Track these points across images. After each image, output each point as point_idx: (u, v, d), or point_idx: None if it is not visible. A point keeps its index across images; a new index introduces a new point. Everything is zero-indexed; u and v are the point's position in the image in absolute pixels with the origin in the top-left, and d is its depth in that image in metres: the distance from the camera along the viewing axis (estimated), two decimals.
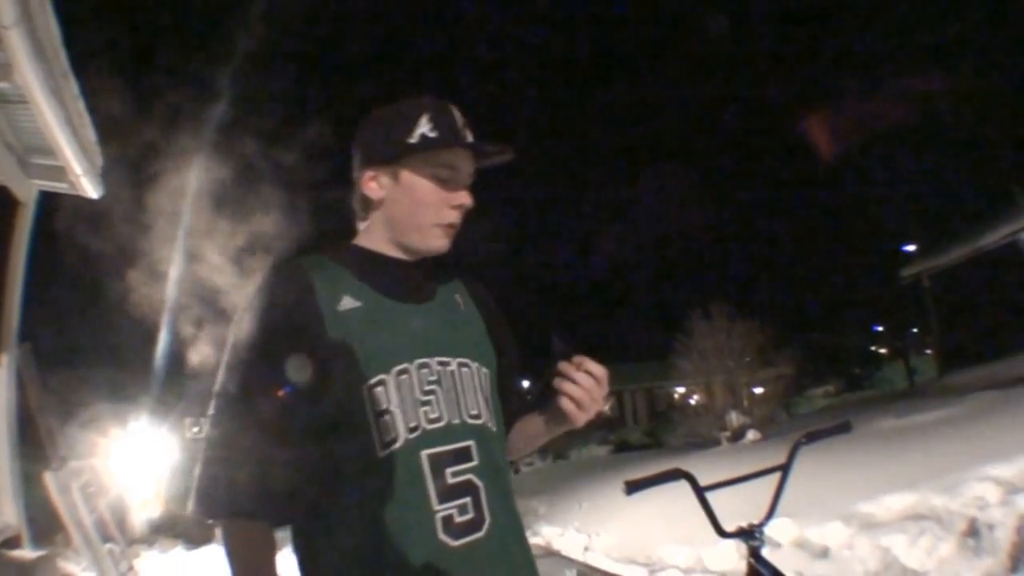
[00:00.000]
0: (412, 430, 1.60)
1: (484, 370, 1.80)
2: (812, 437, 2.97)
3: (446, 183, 1.73)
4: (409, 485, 1.57)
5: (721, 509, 2.81)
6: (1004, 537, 5.49)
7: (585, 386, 1.70)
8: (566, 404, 1.72)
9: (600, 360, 1.74)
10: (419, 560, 1.54)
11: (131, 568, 6.68)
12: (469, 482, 1.64)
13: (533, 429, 1.95)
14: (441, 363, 1.69)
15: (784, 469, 2.90)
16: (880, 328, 65.22)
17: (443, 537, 1.57)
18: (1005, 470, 6.57)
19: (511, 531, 1.72)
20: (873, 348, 69.59)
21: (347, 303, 1.65)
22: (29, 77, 4.40)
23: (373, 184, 1.74)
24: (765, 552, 2.76)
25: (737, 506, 3.13)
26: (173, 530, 13.30)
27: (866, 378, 56.69)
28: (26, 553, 5.87)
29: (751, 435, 17.16)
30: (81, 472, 6.66)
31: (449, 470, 1.61)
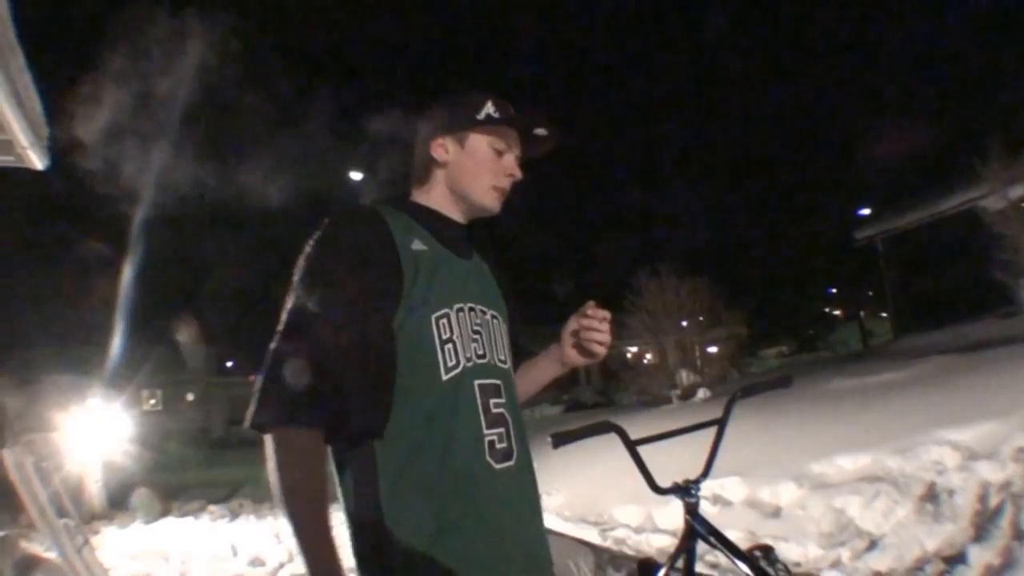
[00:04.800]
0: (468, 359, 1.84)
1: (504, 325, 2.07)
2: (749, 391, 2.90)
3: (502, 155, 2.02)
4: (467, 408, 1.80)
5: (673, 466, 2.80)
6: (965, 504, 5.39)
7: (606, 331, 2.16)
8: (596, 348, 2.17)
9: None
10: (473, 474, 1.77)
11: (86, 542, 6.60)
12: (503, 415, 1.89)
13: (540, 372, 2.34)
14: (482, 310, 1.96)
15: (721, 423, 2.83)
16: (834, 290, 65.94)
17: (488, 459, 1.81)
18: (963, 435, 6.48)
19: (529, 467, 1.99)
20: (827, 310, 70.45)
21: (417, 245, 1.86)
22: None
23: (441, 149, 2.00)
24: (716, 510, 2.64)
25: (685, 464, 2.94)
26: (131, 504, 13.05)
27: (820, 339, 57.42)
28: None
29: (702, 393, 17.12)
30: (36, 447, 6.62)
31: (492, 400, 1.86)
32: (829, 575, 5.01)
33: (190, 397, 47.46)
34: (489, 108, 1.99)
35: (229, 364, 56.28)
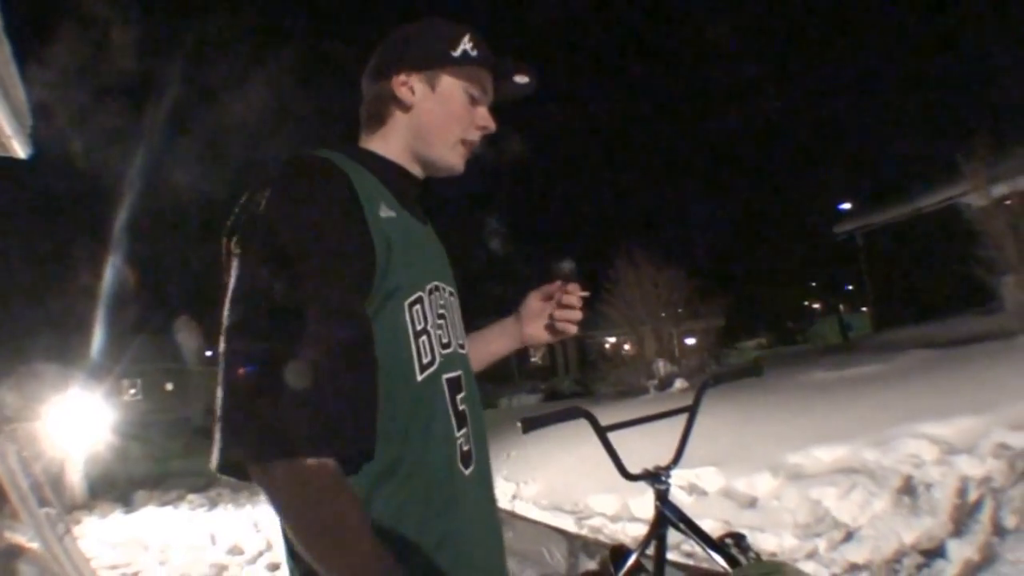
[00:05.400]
0: (439, 352, 1.53)
1: (458, 302, 1.76)
2: (720, 378, 2.91)
3: (476, 103, 1.72)
4: (440, 411, 1.50)
5: (648, 454, 2.79)
6: (944, 498, 5.38)
7: (579, 307, 2.01)
8: (569, 327, 2.03)
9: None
10: (452, 488, 1.48)
11: (68, 531, 6.52)
12: (465, 413, 1.58)
13: (491, 348, 2.09)
14: (443, 288, 1.64)
15: (691, 410, 2.83)
16: (815, 284, 66.36)
17: (459, 465, 1.52)
18: (942, 429, 6.48)
19: (489, 470, 1.70)
20: (807, 303, 70.94)
21: (385, 210, 1.49)
22: None
23: (405, 89, 1.66)
24: (692, 500, 2.67)
25: (661, 452, 2.91)
26: (112, 493, 13.11)
27: (799, 332, 57.90)
28: None
29: (679, 383, 17.18)
30: (18, 436, 6.59)
31: (457, 396, 1.57)
32: (806, 566, 4.97)
33: (169, 386, 47.69)
34: (466, 44, 1.69)
35: (208, 353, 56.39)
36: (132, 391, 45.29)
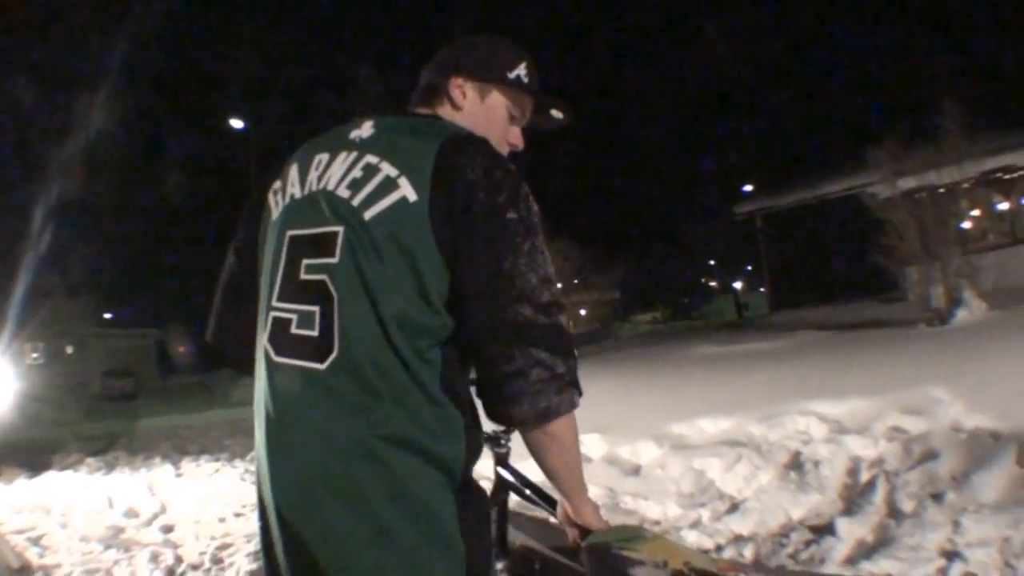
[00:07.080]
0: None
1: None
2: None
3: (514, 121, 1.91)
4: None
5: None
6: (833, 476, 5.28)
7: None
8: None
9: None
10: None
11: None
12: None
13: None
14: None
15: None
16: (712, 262, 67.29)
17: None
18: (832, 408, 6.46)
19: None
20: (704, 280, 71.99)
21: None
22: None
23: (459, 91, 1.83)
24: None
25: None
26: (16, 459, 12.76)
27: (695, 308, 58.79)
28: None
29: None
30: None
31: None
32: (689, 535, 4.80)
33: (70, 350, 46.70)
34: (521, 70, 1.88)
35: (108, 316, 55.72)
36: (35, 355, 44.08)
